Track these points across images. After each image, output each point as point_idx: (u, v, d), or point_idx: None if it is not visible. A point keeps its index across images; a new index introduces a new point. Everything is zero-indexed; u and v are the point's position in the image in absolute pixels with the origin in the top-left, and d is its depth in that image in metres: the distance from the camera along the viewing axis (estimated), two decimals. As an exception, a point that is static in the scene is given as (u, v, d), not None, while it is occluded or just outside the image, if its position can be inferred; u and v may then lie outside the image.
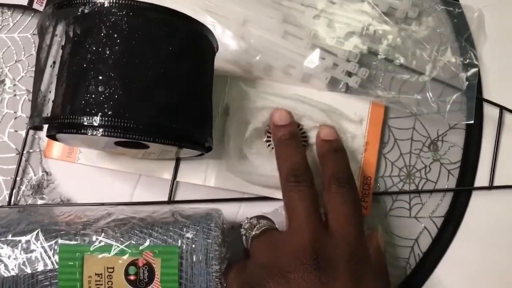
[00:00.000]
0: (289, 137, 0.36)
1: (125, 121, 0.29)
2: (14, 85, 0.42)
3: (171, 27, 0.32)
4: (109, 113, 0.29)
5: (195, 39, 0.33)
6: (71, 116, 0.30)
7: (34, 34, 0.43)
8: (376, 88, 0.40)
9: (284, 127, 0.36)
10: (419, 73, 0.41)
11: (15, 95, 0.42)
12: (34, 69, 0.40)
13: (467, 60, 0.40)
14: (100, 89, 0.30)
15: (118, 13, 0.30)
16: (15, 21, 0.43)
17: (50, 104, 0.31)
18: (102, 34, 0.30)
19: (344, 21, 0.41)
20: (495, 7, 0.42)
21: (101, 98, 0.29)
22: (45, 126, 0.33)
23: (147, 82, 0.30)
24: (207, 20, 0.41)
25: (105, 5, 0.30)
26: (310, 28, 0.41)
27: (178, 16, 0.32)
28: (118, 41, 0.30)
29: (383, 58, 0.41)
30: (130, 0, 0.30)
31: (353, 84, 0.40)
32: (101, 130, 0.29)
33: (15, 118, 0.42)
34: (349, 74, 0.40)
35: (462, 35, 0.41)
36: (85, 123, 0.29)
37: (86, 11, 0.31)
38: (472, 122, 0.39)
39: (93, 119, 0.29)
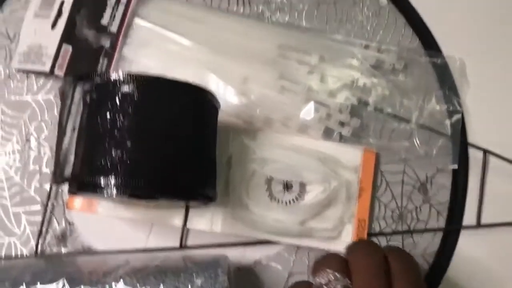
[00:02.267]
0: None
1: (137, 182, 0.33)
2: (39, 143, 0.47)
3: (177, 96, 0.36)
4: (123, 175, 0.33)
5: (200, 104, 0.37)
6: (89, 178, 0.34)
7: (56, 97, 0.48)
8: (368, 136, 0.44)
9: None
10: (407, 121, 0.44)
11: (39, 152, 0.46)
12: (56, 127, 0.45)
13: (451, 107, 0.44)
14: (114, 153, 0.33)
15: (130, 85, 0.34)
16: (39, 85, 0.48)
17: (70, 165, 0.36)
18: (116, 103, 0.34)
19: (335, 75, 0.45)
20: (476, 55, 0.46)
21: (116, 161, 0.33)
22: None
23: (157, 145, 0.34)
24: (211, 79, 0.45)
25: (118, 79, 0.34)
26: (304, 83, 0.45)
27: (184, 87, 0.36)
28: (130, 109, 0.34)
29: (373, 108, 0.44)
30: (140, 75, 0.34)
31: (346, 133, 0.43)
32: (115, 190, 0.33)
33: (40, 174, 0.46)
34: (342, 124, 0.44)
35: (446, 83, 0.45)
36: (101, 184, 0.33)
37: (101, 82, 0.35)
38: (456, 167, 0.42)
39: (109, 181, 0.33)
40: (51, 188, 0.45)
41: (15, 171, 0.46)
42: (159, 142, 0.34)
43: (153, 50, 0.46)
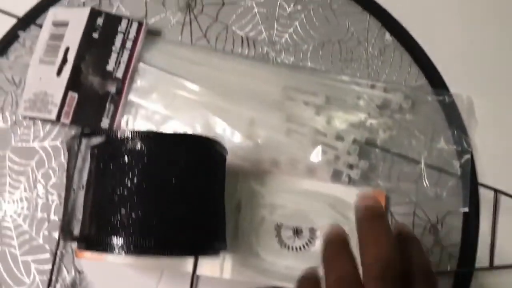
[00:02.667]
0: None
1: (147, 241, 0.33)
2: (46, 190, 0.47)
3: (185, 151, 0.35)
4: (132, 234, 0.33)
5: (208, 156, 0.37)
6: (98, 237, 0.34)
7: (62, 142, 0.47)
8: (377, 178, 0.44)
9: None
10: (416, 161, 0.44)
11: (47, 200, 0.46)
12: (63, 174, 0.45)
13: (460, 147, 0.43)
14: (123, 211, 0.33)
15: (137, 143, 0.34)
16: (45, 131, 0.48)
17: (78, 222, 0.36)
18: (123, 161, 0.34)
19: (342, 116, 0.45)
20: (483, 93, 0.45)
21: (125, 220, 0.33)
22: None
23: (166, 203, 0.34)
24: (218, 123, 0.45)
25: (125, 137, 0.34)
26: (311, 125, 0.44)
27: (191, 140, 0.36)
28: (138, 167, 0.34)
29: (381, 149, 0.44)
30: (146, 132, 0.34)
31: (355, 176, 0.43)
32: (124, 250, 0.33)
33: (48, 221, 0.46)
34: (351, 166, 0.43)
35: (454, 122, 0.44)
36: (111, 244, 0.33)
37: (108, 140, 0.35)
38: (467, 210, 0.42)
39: (118, 241, 0.33)
40: (59, 236, 0.45)
41: (24, 219, 0.46)
42: (168, 200, 0.34)
43: (159, 94, 0.46)
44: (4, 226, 0.46)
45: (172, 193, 0.34)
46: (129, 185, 0.33)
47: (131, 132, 0.34)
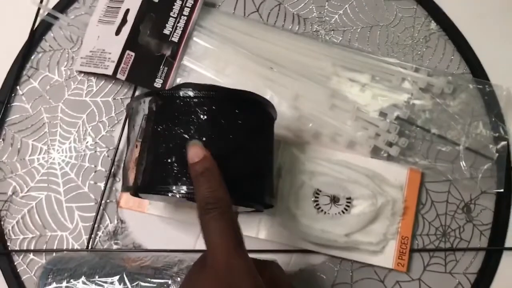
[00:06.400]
0: (203, 170, 0.33)
1: None
2: (95, 142, 0.49)
3: (242, 108, 0.37)
4: (188, 181, 0.34)
5: (264, 116, 0.39)
6: (157, 181, 0.35)
7: (114, 99, 0.50)
8: (414, 156, 0.45)
9: (198, 163, 0.34)
10: (454, 143, 0.46)
11: (95, 151, 0.48)
12: (112, 129, 0.47)
13: (497, 134, 0.45)
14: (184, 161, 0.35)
15: (201, 99, 0.36)
16: (98, 87, 0.50)
17: (140, 174, 0.37)
18: (182, 118, 0.35)
19: (385, 95, 0.47)
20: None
21: (184, 171, 0.35)
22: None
23: (226, 155, 0.35)
24: (267, 93, 0.47)
25: (185, 95, 0.36)
26: (355, 101, 0.46)
27: (246, 98, 0.37)
28: (202, 122, 0.35)
29: (421, 129, 0.46)
30: (212, 87, 0.36)
31: (394, 153, 0.45)
32: (184, 194, 0.34)
33: (95, 171, 0.48)
34: (390, 144, 0.45)
35: (492, 110, 0.46)
36: (173, 190, 0.34)
37: (168, 99, 0.36)
38: (502, 190, 0.43)
39: (179, 188, 0.34)
40: (105, 186, 0.47)
41: (71, 168, 0.48)
42: (227, 152, 0.35)
43: (211, 61, 0.48)
44: (51, 173, 0.48)
45: (227, 147, 0.35)
46: (187, 140, 0.35)
47: (197, 88, 0.35)
